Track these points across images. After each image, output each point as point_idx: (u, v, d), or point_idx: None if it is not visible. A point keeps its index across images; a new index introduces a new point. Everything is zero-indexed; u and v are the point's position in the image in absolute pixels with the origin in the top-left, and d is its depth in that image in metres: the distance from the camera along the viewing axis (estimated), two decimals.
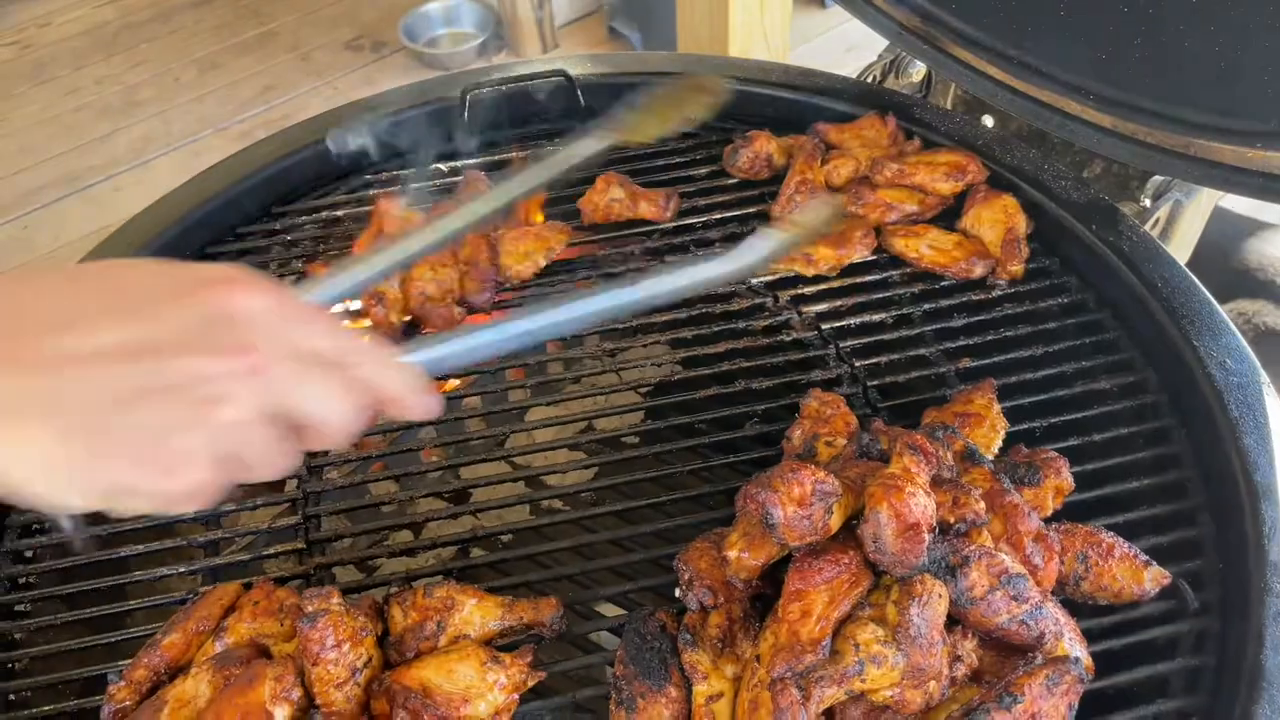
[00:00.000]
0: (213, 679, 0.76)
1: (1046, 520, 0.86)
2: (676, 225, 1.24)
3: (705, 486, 1.00)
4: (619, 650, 0.80)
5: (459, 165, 1.32)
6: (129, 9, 3.79)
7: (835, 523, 0.77)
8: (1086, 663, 0.79)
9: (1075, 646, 0.79)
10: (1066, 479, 0.90)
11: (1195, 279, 1.07)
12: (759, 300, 1.16)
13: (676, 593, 0.82)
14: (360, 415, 0.61)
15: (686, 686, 0.78)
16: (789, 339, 1.11)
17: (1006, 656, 0.79)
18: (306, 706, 0.76)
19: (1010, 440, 0.95)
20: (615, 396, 1.18)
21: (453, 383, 1.26)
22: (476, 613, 0.83)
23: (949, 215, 1.21)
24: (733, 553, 0.79)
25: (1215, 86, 1.03)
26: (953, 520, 0.80)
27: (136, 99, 3.39)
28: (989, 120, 1.40)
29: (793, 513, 0.75)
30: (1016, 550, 0.82)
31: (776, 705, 0.71)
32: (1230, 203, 2.05)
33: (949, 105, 1.48)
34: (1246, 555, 0.86)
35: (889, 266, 1.17)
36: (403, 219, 1.20)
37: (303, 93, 3.39)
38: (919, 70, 1.52)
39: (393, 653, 0.81)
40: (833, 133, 1.28)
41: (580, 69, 1.36)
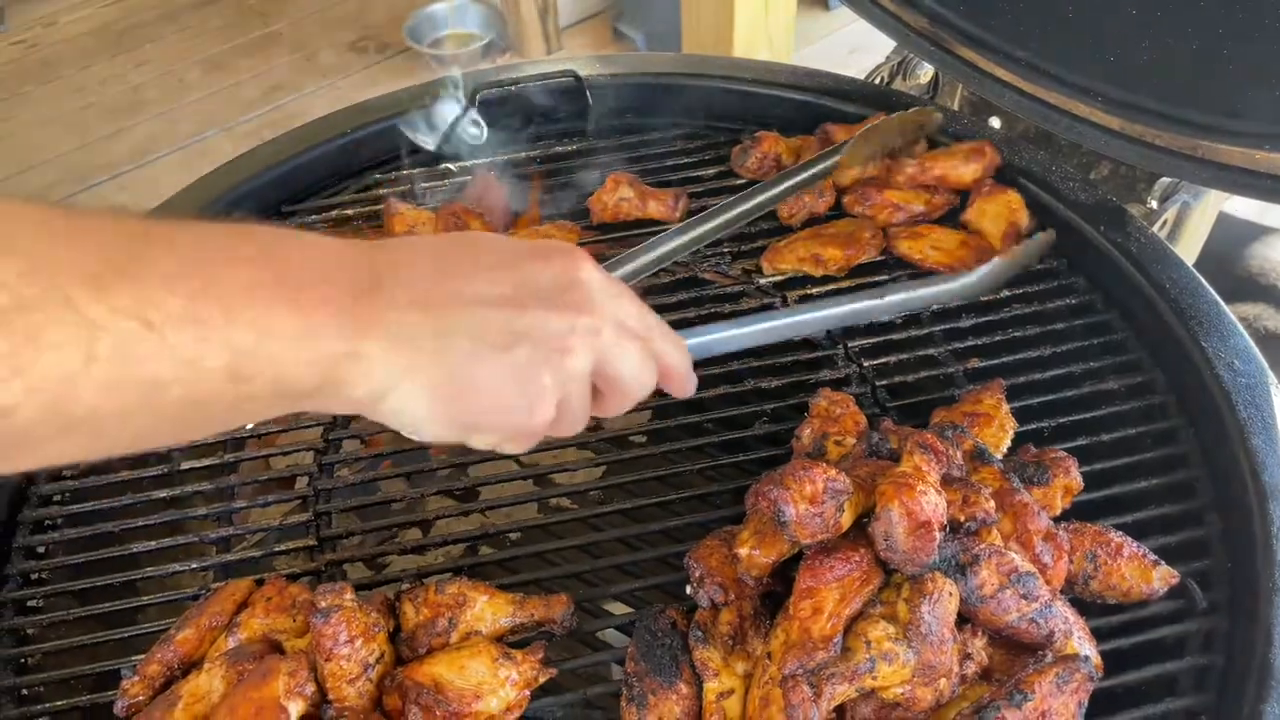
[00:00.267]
0: (226, 674, 0.77)
1: (1055, 519, 0.87)
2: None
3: (713, 485, 1.00)
4: (630, 647, 0.80)
5: (469, 165, 1.32)
6: (134, 9, 3.79)
7: (846, 520, 0.78)
8: (1096, 661, 0.79)
9: (1085, 645, 0.79)
10: (1075, 478, 0.90)
11: (1203, 280, 1.07)
12: (767, 300, 1.16)
13: (687, 590, 0.83)
14: (650, 384, 0.69)
15: (697, 683, 0.79)
16: (797, 339, 1.12)
17: (1016, 655, 0.79)
18: (319, 701, 0.76)
19: (1019, 440, 0.95)
20: None
21: None
22: (488, 609, 0.84)
23: (954, 217, 1.21)
24: (744, 550, 0.80)
25: (1223, 89, 1.04)
26: (963, 519, 0.80)
27: (142, 99, 3.40)
28: (996, 122, 1.41)
29: (804, 510, 0.75)
30: (1026, 549, 0.82)
31: (788, 702, 0.71)
32: (1231, 207, 2.05)
33: (956, 107, 1.49)
34: (1255, 554, 0.86)
35: (897, 267, 1.18)
36: (413, 218, 1.21)
37: (307, 93, 3.40)
38: (926, 72, 1.53)
39: (404, 649, 0.82)
40: (840, 134, 1.28)
41: (589, 69, 1.36)
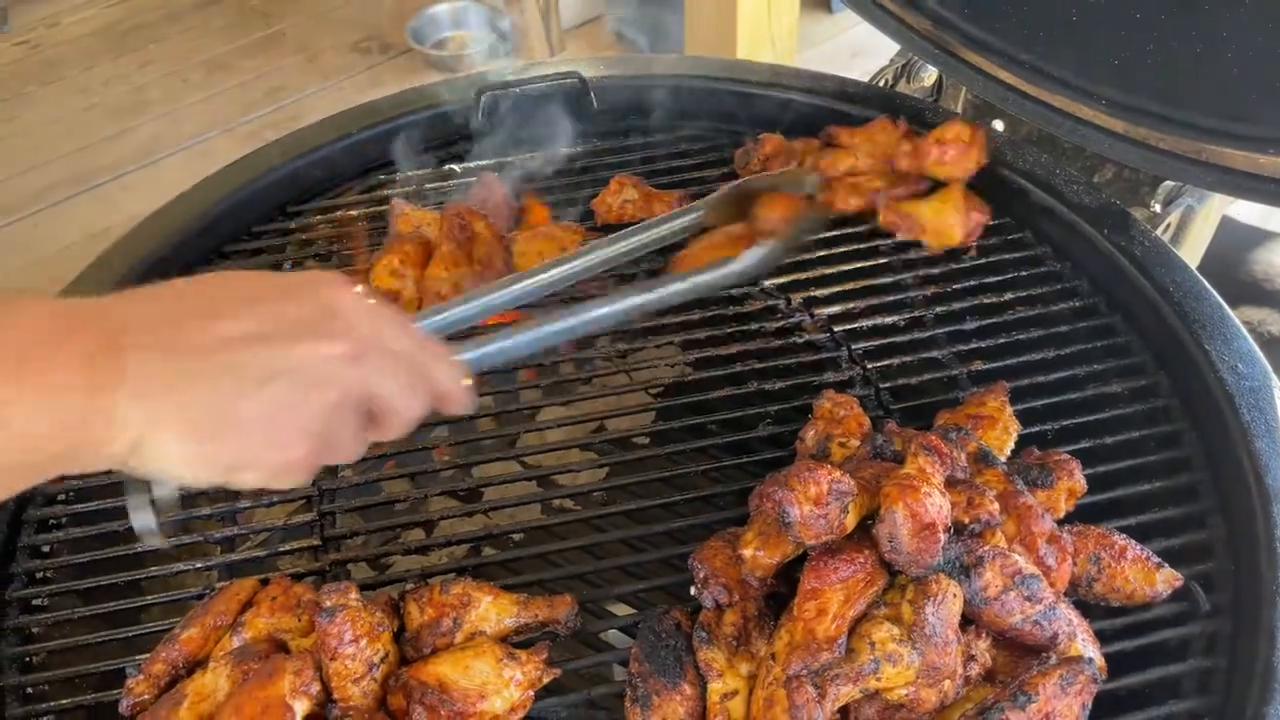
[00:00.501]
0: (231, 673, 0.77)
1: (1059, 522, 0.87)
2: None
3: (717, 487, 1.00)
4: (634, 648, 0.80)
5: (471, 166, 1.33)
6: (138, 10, 3.80)
7: (851, 522, 0.78)
8: (1100, 663, 0.79)
9: (1088, 647, 0.79)
10: (1079, 481, 0.91)
11: (1207, 284, 1.07)
12: (771, 302, 1.16)
13: (692, 591, 0.83)
14: (424, 407, 0.68)
15: (701, 684, 0.79)
16: (801, 341, 1.12)
17: (1020, 657, 0.79)
18: (324, 701, 0.76)
19: (1022, 442, 0.95)
20: (627, 397, 1.19)
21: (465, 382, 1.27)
22: (492, 609, 0.84)
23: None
24: (748, 551, 0.80)
25: (1227, 92, 1.04)
26: (967, 521, 0.80)
27: (145, 99, 3.40)
28: (1000, 124, 1.41)
29: (809, 511, 0.75)
30: (1030, 551, 0.82)
31: (792, 702, 0.71)
32: (1234, 211, 2.05)
33: (960, 109, 1.49)
34: (1258, 558, 0.87)
35: (902, 269, 1.18)
36: (418, 218, 1.21)
37: (310, 94, 3.40)
38: (930, 74, 1.53)
39: (409, 649, 0.82)
40: (844, 136, 1.29)
41: (594, 71, 1.36)
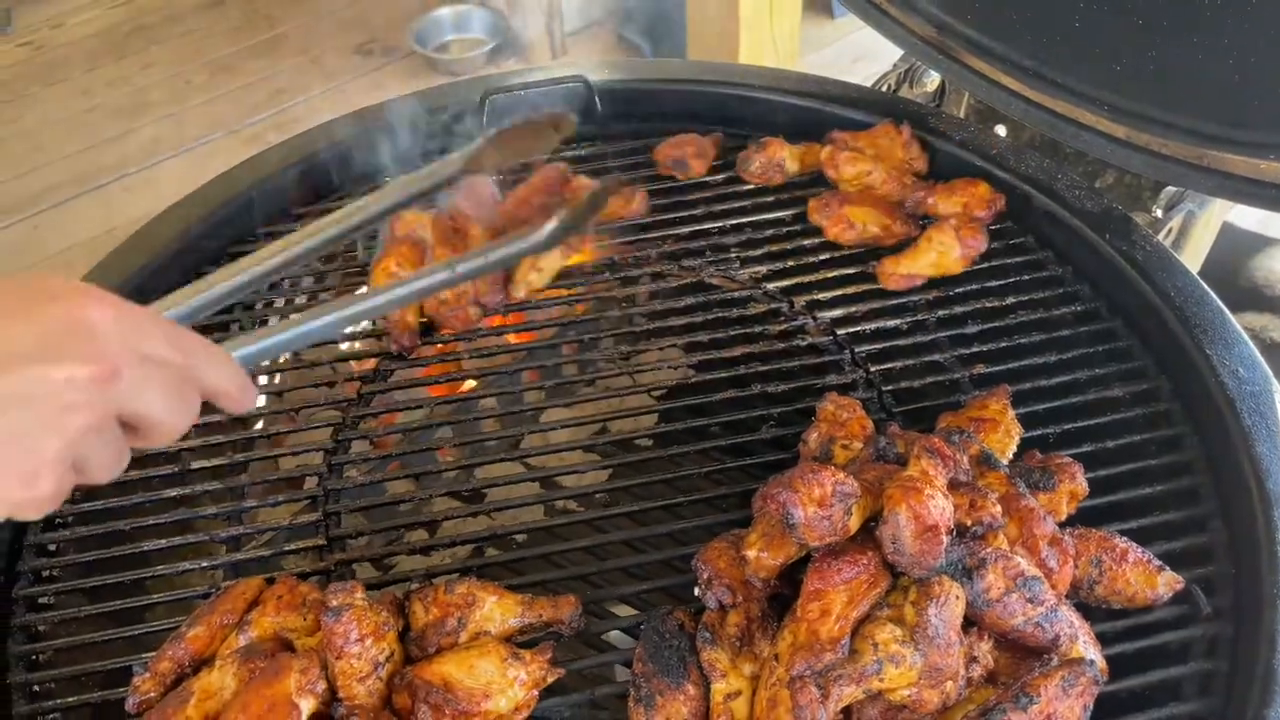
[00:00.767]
0: (238, 671, 0.77)
1: (1061, 525, 0.87)
2: (693, 230, 1.25)
3: (719, 489, 1.01)
4: (638, 648, 0.81)
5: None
6: (141, 11, 3.80)
7: (854, 524, 0.78)
8: (1101, 665, 0.80)
9: (1090, 649, 0.80)
10: (1081, 484, 0.91)
11: (1208, 288, 1.08)
12: (775, 305, 1.17)
13: (696, 591, 0.83)
14: (193, 411, 0.64)
15: (704, 684, 0.79)
16: (804, 344, 1.12)
17: (1022, 658, 0.80)
18: (329, 699, 0.77)
19: (1024, 446, 0.96)
20: (630, 399, 1.19)
21: (469, 384, 1.27)
22: (497, 610, 0.84)
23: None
24: (752, 552, 0.80)
25: (1229, 98, 1.04)
26: (969, 523, 0.81)
27: (147, 101, 3.41)
28: (1002, 129, 1.41)
29: (813, 513, 0.76)
30: (1032, 553, 0.83)
31: (796, 703, 0.72)
32: (1234, 216, 2.05)
33: (963, 114, 1.49)
34: (1259, 561, 0.87)
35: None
36: (413, 221, 1.21)
37: (313, 96, 3.40)
38: (933, 80, 1.54)
39: (414, 648, 0.82)
40: (847, 140, 1.29)
41: (598, 74, 1.37)
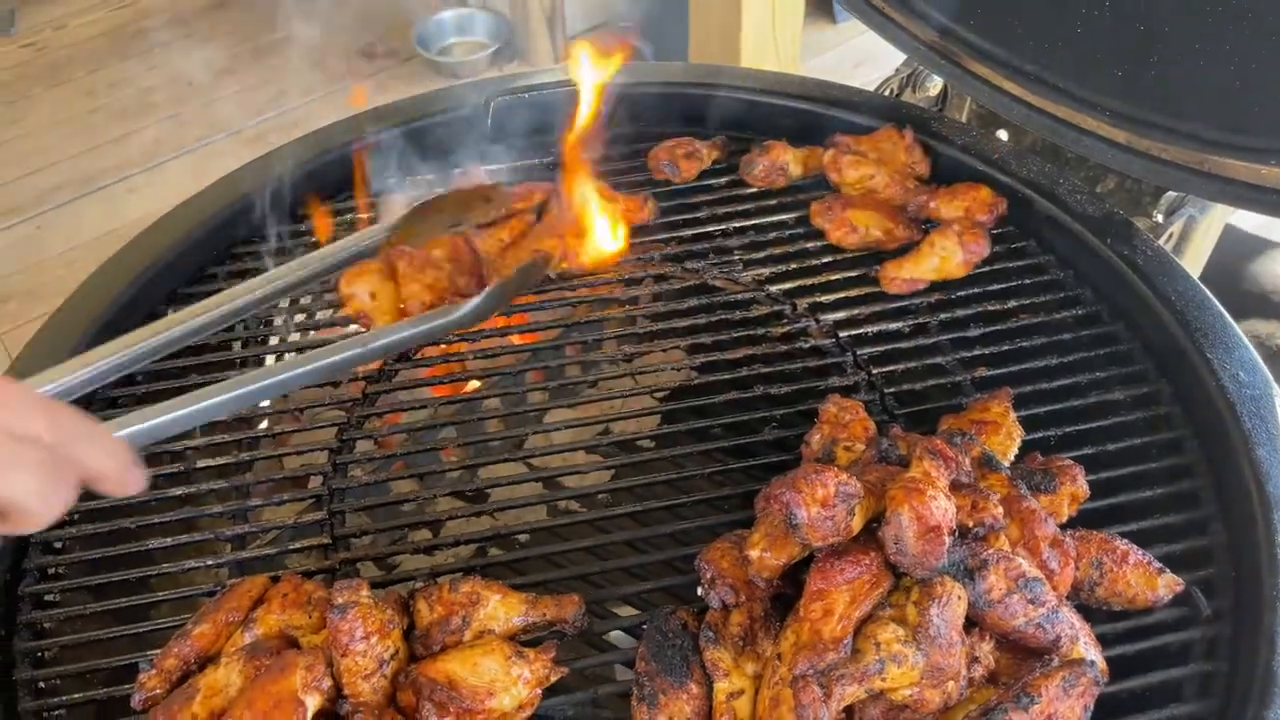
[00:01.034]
0: (244, 668, 0.78)
1: (1062, 527, 0.88)
2: (696, 233, 1.25)
3: (721, 490, 1.01)
4: (641, 647, 0.81)
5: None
6: (144, 13, 3.81)
7: (857, 524, 0.79)
8: (1101, 666, 0.80)
9: (1090, 650, 0.80)
10: (1082, 486, 0.92)
11: (1208, 293, 1.08)
12: (777, 307, 1.17)
13: (699, 591, 0.84)
14: (68, 494, 0.62)
15: (707, 684, 0.80)
16: (807, 346, 1.13)
17: (1023, 659, 0.80)
18: (335, 697, 0.77)
19: (1026, 448, 0.96)
20: (632, 400, 1.20)
21: (473, 384, 1.28)
22: (501, 608, 0.85)
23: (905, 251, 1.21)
24: (755, 552, 0.81)
25: (1230, 104, 1.05)
26: (971, 524, 0.81)
27: (150, 102, 3.41)
28: (1004, 134, 1.42)
29: (816, 513, 0.76)
30: (1033, 555, 0.83)
31: (798, 702, 0.72)
32: (1237, 220, 2.05)
33: (965, 119, 1.50)
34: (1259, 563, 0.88)
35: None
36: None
37: (315, 98, 3.41)
38: (936, 84, 1.54)
39: (418, 646, 0.83)
40: (850, 144, 1.30)
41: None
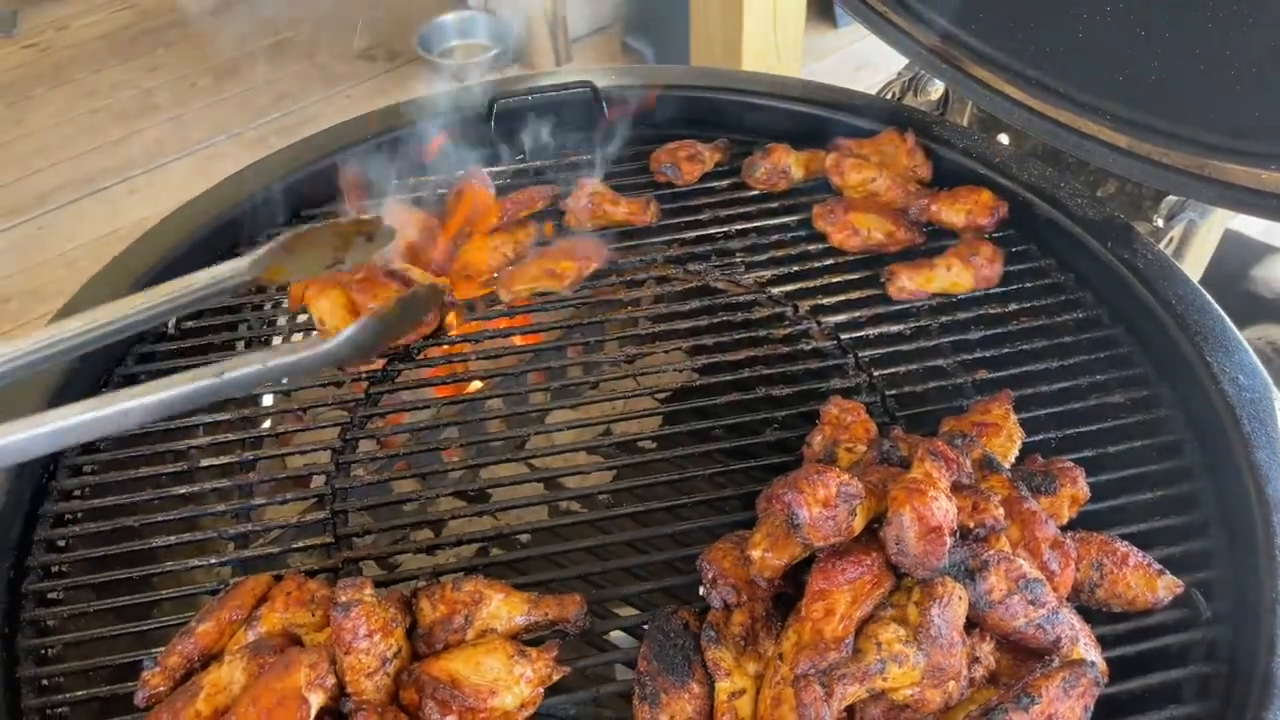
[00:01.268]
0: (247, 666, 0.78)
1: (1062, 529, 0.88)
2: (699, 235, 1.26)
3: (722, 491, 1.01)
4: (643, 646, 0.82)
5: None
6: (146, 15, 3.82)
7: (858, 524, 0.79)
8: (1101, 667, 0.80)
9: (1090, 651, 0.81)
10: (1082, 488, 0.92)
11: (1209, 296, 1.08)
12: (779, 310, 1.17)
13: (700, 591, 0.84)
14: None
15: (709, 683, 0.80)
16: (808, 348, 1.13)
17: (1023, 660, 0.81)
18: (338, 695, 0.77)
19: (1026, 450, 0.97)
20: (634, 401, 1.20)
21: (476, 385, 1.28)
22: (503, 607, 0.85)
23: (908, 256, 1.22)
24: (756, 552, 0.81)
25: (1230, 108, 1.05)
26: (972, 525, 0.82)
27: (152, 103, 3.43)
28: (1005, 138, 1.42)
29: (818, 513, 0.77)
30: (1034, 556, 0.83)
31: (800, 701, 0.73)
32: (1240, 224, 2.06)
33: (966, 123, 1.50)
34: (1258, 566, 0.88)
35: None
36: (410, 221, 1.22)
37: (317, 101, 3.42)
38: (937, 88, 1.55)
39: (421, 645, 0.83)
40: (852, 147, 1.30)
41: (605, 81, 1.38)
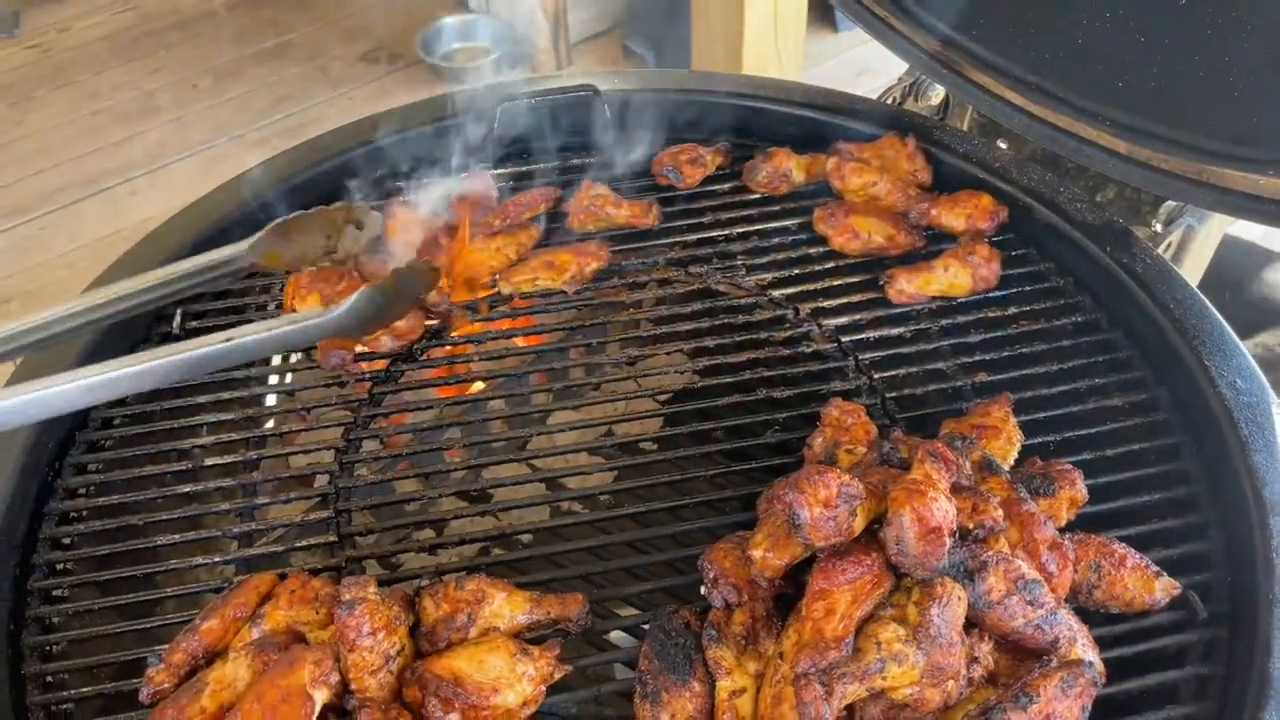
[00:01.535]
0: (252, 663, 0.78)
1: (1061, 530, 0.88)
2: (700, 238, 1.27)
3: (723, 492, 1.02)
4: (644, 645, 0.82)
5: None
6: (148, 16, 3.83)
7: (859, 525, 0.79)
8: (1099, 667, 0.81)
9: (1088, 652, 0.81)
10: (1080, 491, 0.93)
11: (1206, 301, 1.09)
12: (780, 312, 1.18)
13: (701, 590, 0.85)
14: None
15: (710, 682, 0.80)
16: (809, 350, 1.14)
17: (1021, 660, 0.81)
18: (342, 692, 0.78)
19: (1025, 453, 0.97)
20: (635, 403, 1.21)
21: (478, 386, 1.29)
22: (506, 606, 0.85)
23: (909, 260, 1.22)
24: (757, 552, 0.82)
25: (1229, 114, 1.06)
26: (971, 526, 0.82)
27: (154, 105, 3.43)
28: (1004, 143, 1.43)
29: (819, 514, 0.77)
30: (1032, 557, 0.84)
31: (800, 700, 0.73)
32: (1237, 230, 2.06)
33: (966, 128, 1.51)
34: (1255, 568, 0.88)
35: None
36: (414, 223, 1.22)
37: (318, 102, 3.43)
38: (938, 93, 1.56)
39: (424, 643, 0.83)
40: (853, 151, 1.31)
41: (608, 84, 1.38)
